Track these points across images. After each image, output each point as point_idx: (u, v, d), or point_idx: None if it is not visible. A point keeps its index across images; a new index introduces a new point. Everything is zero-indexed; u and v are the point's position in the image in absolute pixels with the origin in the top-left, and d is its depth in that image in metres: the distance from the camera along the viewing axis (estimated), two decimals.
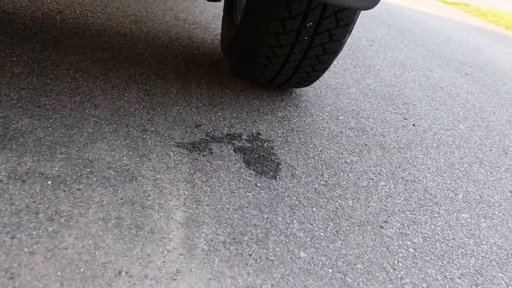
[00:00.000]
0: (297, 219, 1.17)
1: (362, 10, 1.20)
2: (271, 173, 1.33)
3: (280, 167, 1.37)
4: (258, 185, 1.26)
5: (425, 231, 1.25)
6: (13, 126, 1.23)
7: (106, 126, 1.34)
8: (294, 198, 1.25)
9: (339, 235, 1.15)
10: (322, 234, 1.14)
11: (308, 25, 1.43)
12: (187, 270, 0.94)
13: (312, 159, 1.46)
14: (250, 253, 1.02)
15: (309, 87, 2.01)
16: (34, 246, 0.90)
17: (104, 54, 1.80)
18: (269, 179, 1.30)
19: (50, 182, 1.07)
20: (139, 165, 1.21)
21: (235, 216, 1.12)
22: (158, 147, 1.31)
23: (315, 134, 1.62)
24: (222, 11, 2.46)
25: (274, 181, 1.30)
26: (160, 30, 2.21)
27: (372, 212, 1.28)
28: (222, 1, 2.50)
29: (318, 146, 1.54)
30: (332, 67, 2.35)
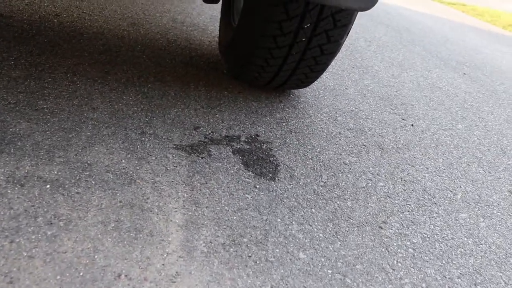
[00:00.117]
0: (296, 221, 1.17)
1: (359, 11, 1.20)
2: (270, 174, 1.33)
3: (278, 169, 1.37)
4: (257, 186, 1.26)
5: (424, 231, 1.26)
6: (11, 130, 1.23)
7: (105, 129, 1.34)
8: (293, 199, 1.25)
9: (338, 236, 1.15)
10: (321, 235, 1.14)
11: (305, 26, 1.44)
12: (187, 272, 0.94)
13: (310, 160, 1.46)
14: (250, 254, 1.02)
15: (307, 88, 2.01)
16: (33, 250, 0.90)
17: (102, 57, 1.80)
18: (268, 181, 1.30)
19: (48, 186, 1.07)
20: (138, 168, 1.21)
21: (234, 218, 1.12)
22: (157, 150, 1.31)
23: (314, 135, 1.62)
24: (219, 13, 2.46)
25: (273, 182, 1.30)
26: (157, 33, 2.22)
27: (371, 212, 1.28)
28: (220, 3, 2.50)
29: (316, 147, 1.54)
30: (330, 68, 2.36)
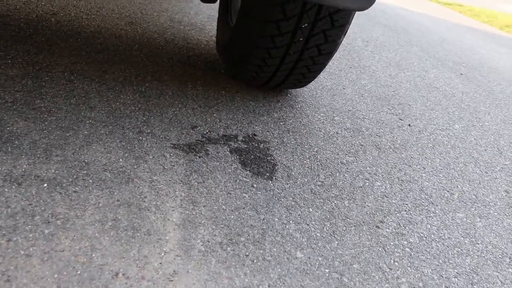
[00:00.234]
0: (293, 220, 1.17)
1: (357, 11, 1.20)
2: (267, 174, 1.33)
3: (276, 168, 1.37)
4: (255, 186, 1.27)
5: (421, 231, 1.26)
6: (8, 129, 1.23)
7: (102, 128, 1.34)
8: (291, 198, 1.25)
9: (336, 235, 1.16)
10: (318, 234, 1.14)
11: (303, 26, 1.44)
12: (184, 271, 0.94)
13: (308, 160, 1.46)
14: (247, 253, 1.03)
15: (304, 88, 2.01)
16: (31, 249, 0.90)
17: (99, 56, 1.80)
18: (265, 180, 1.30)
19: (46, 185, 1.07)
20: (135, 167, 1.21)
21: (232, 217, 1.12)
22: (154, 149, 1.31)
23: (311, 135, 1.62)
24: (217, 13, 2.46)
25: (270, 182, 1.30)
26: (155, 32, 2.21)
27: (368, 212, 1.28)
28: (217, 2, 2.50)
29: (314, 147, 1.55)
30: (327, 68, 2.36)
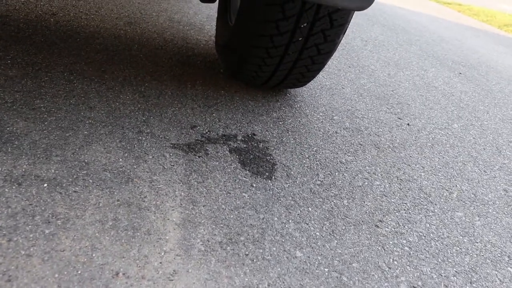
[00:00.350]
0: (293, 219, 1.17)
1: (356, 10, 1.21)
2: (267, 173, 1.34)
3: (275, 168, 1.38)
4: (254, 185, 1.27)
5: (420, 230, 1.26)
6: (8, 129, 1.23)
7: (102, 128, 1.34)
8: (290, 198, 1.26)
9: (335, 235, 1.16)
10: (317, 233, 1.15)
11: (302, 26, 1.44)
12: (184, 270, 0.94)
13: (307, 159, 1.46)
14: (247, 253, 1.03)
15: (303, 88, 2.02)
16: (31, 249, 0.90)
17: (98, 56, 1.80)
18: (264, 180, 1.31)
19: (46, 185, 1.07)
20: (135, 166, 1.22)
21: (231, 216, 1.13)
22: (154, 149, 1.31)
23: (310, 134, 1.63)
24: (216, 13, 2.46)
25: (269, 181, 1.31)
26: (154, 32, 2.22)
27: (367, 211, 1.29)
28: (217, 2, 2.50)
29: (313, 146, 1.55)
30: (326, 68, 2.36)
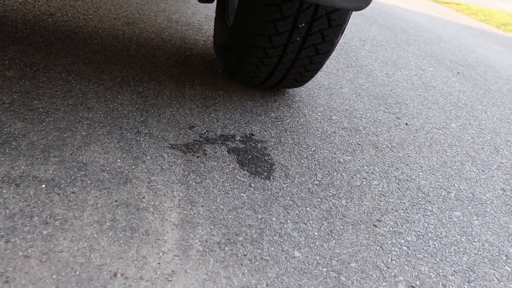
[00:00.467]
0: (291, 219, 1.17)
1: (354, 10, 1.21)
2: (265, 173, 1.34)
3: (273, 168, 1.38)
4: (252, 185, 1.27)
5: (418, 229, 1.27)
6: (5, 130, 1.23)
7: (100, 129, 1.34)
8: (288, 198, 1.26)
9: (333, 234, 1.16)
10: (316, 233, 1.15)
11: (300, 26, 1.44)
12: (182, 271, 0.94)
13: (305, 159, 1.46)
14: (245, 253, 1.03)
15: (302, 88, 2.02)
16: (29, 250, 0.90)
17: (96, 56, 1.80)
18: (263, 180, 1.31)
19: (44, 186, 1.07)
20: (133, 167, 1.22)
21: (230, 216, 1.13)
22: (152, 149, 1.31)
23: (308, 134, 1.63)
24: (214, 13, 2.46)
25: (268, 181, 1.31)
26: (152, 32, 2.21)
27: (365, 211, 1.29)
28: (215, 2, 2.50)
29: (311, 146, 1.55)
30: (324, 67, 2.37)
